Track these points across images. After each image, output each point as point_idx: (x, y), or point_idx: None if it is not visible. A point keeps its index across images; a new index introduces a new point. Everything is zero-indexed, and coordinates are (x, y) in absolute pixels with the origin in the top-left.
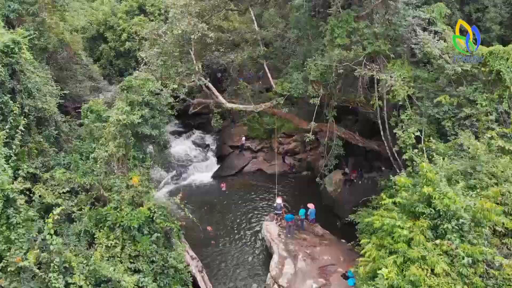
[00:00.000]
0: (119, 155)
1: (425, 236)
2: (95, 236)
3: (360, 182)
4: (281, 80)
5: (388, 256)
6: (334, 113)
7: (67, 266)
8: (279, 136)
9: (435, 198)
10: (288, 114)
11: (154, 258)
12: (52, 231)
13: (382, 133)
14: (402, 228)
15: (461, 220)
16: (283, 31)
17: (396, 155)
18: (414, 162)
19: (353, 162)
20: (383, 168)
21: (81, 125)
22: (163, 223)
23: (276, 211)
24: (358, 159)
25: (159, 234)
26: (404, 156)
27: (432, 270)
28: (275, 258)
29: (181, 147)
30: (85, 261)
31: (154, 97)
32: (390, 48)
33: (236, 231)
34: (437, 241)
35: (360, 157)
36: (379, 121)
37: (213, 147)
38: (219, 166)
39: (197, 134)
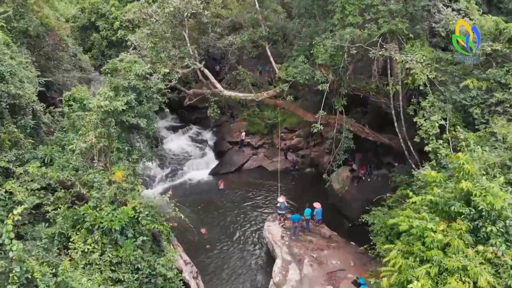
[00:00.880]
0: (100, 146)
1: (463, 241)
2: (71, 240)
3: (369, 179)
4: (285, 65)
5: (419, 265)
6: (344, 101)
7: (30, 277)
8: (280, 132)
9: (475, 195)
10: (292, 105)
11: (139, 266)
12: (12, 235)
13: (395, 124)
14: (435, 232)
15: (508, 222)
16: (286, 18)
17: (411, 148)
18: (438, 154)
19: (361, 158)
20: (395, 164)
21: (68, 117)
22: (150, 225)
23: (279, 211)
24: (365, 154)
25: (145, 238)
26: (427, 148)
27: (475, 283)
28: (278, 262)
29: (177, 142)
30: (53, 271)
31: (142, 81)
32: (408, 27)
33: (235, 233)
34: (479, 247)
35: (368, 153)
36: (393, 112)
37: (211, 143)
38: (217, 163)
39: (194, 129)
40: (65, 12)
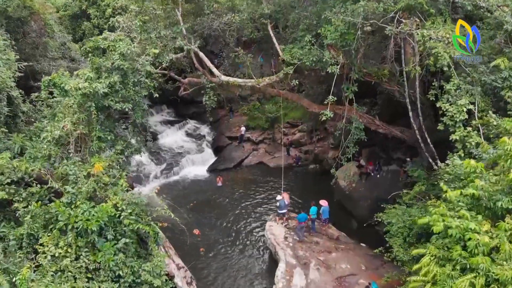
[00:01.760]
0: (77, 134)
1: None
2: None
3: (378, 176)
4: (289, 46)
5: (460, 275)
6: (354, 88)
7: None
8: (283, 126)
9: None
10: (295, 95)
11: (120, 272)
12: None
13: (410, 114)
14: (479, 233)
15: None
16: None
17: (428, 140)
18: (467, 143)
19: (368, 153)
20: (407, 159)
21: (49, 106)
22: (134, 225)
23: (279, 211)
24: (373, 150)
25: (128, 240)
26: (453, 137)
27: None
28: (281, 266)
29: (173, 138)
30: (8, 279)
31: (128, 62)
32: (428, 2)
33: (233, 234)
34: None
35: (376, 147)
36: (407, 100)
37: (209, 138)
38: (215, 159)
39: (191, 124)
40: (56, 0)
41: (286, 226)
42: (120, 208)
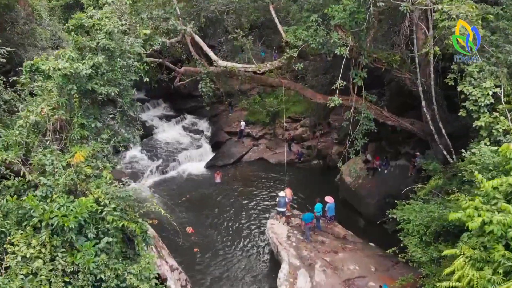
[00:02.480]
0: (55, 119)
1: None
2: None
3: (386, 171)
4: (293, 28)
5: (504, 280)
6: (364, 74)
7: None
8: (284, 122)
9: None
10: (298, 85)
11: (102, 276)
12: None
13: (423, 103)
14: None
15: None
16: None
17: (443, 130)
18: (494, 130)
19: (374, 148)
20: (416, 153)
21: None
22: (119, 222)
23: (278, 208)
24: (379, 144)
25: (111, 239)
26: (477, 123)
27: None
28: (284, 268)
29: (170, 133)
30: None
31: (114, 42)
32: None
33: (232, 233)
34: None
35: (382, 142)
36: (420, 88)
37: (208, 133)
38: (214, 154)
39: (189, 119)
40: None
41: (290, 225)
42: (102, 203)
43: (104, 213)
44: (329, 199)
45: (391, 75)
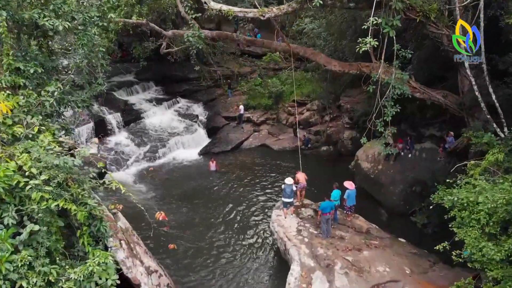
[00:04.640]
0: None
1: None
2: None
3: (410, 155)
4: None
5: None
6: (397, 21)
7: None
8: (288, 106)
9: None
10: (309, 49)
11: (23, 283)
12: None
13: (466, 64)
14: None
15: None
16: None
17: (494, 99)
18: None
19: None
20: (450, 132)
21: None
22: (51, 202)
23: (283, 199)
24: (398, 126)
25: (41, 227)
26: None
27: None
28: (295, 270)
29: (160, 117)
30: None
31: None
32: None
33: (229, 228)
34: None
35: (401, 125)
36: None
37: (203, 118)
38: (209, 140)
39: (182, 103)
40: None
41: (299, 216)
42: (27, 173)
43: (29, 187)
44: (349, 184)
45: (421, 36)
